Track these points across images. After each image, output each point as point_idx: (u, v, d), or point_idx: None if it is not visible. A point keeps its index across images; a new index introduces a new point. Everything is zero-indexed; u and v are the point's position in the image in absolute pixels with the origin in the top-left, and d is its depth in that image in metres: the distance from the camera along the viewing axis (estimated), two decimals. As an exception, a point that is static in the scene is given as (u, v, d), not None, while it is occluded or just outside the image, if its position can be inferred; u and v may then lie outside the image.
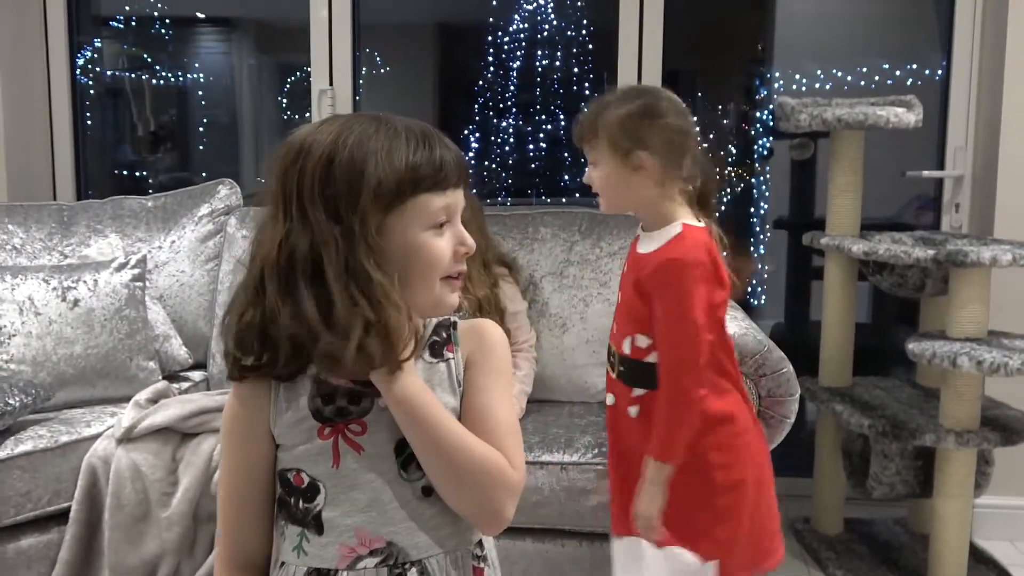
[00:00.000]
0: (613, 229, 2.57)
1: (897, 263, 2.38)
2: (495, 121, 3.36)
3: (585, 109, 1.72)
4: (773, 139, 3.27)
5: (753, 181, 3.34)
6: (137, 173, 3.57)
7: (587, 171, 1.70)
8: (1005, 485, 2.68)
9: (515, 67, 3.35)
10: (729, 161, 3.31)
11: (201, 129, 3.60)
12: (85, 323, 2.34)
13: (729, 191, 3.32)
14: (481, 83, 3.36)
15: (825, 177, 2.71)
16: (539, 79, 3.37)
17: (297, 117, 3.38)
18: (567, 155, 3.35)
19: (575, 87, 3.32)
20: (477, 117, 3.35)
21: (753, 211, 3.34)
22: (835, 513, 2.74)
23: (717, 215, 1.70)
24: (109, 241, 2.68)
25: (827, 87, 3.17)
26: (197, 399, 2.15)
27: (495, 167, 3.39)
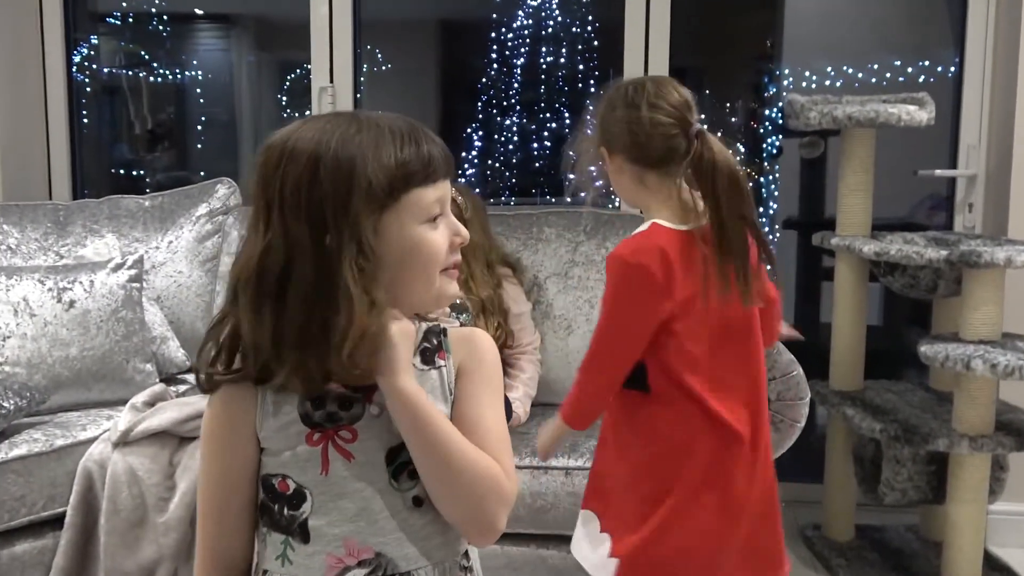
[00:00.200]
0: (619, 229, 2.57)
1: (909, 264, 2.38)
2: (498, 119, 3.36)
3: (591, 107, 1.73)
4: (782, 137, 3.27)
5: (762, 180, 3.33)
6: (134, 172, 3.58)
7: None
8: (1020, 491, 2.67)
9: (519, 64, 3.35)
10: (737, 159, 3.31)
11: (199, 127, 3.61)
12: (81, 325, 2.34)
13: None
14: (484, 80, 3.36)
15: (835, 176, 2.70)
16: (543, 76, 3.37)
17: (297, 115, 3.39)
18: (571, 154, 3.34)
19: (580, 85, 3.32)
20: (480, 115, 3.35)
21: (762, 211, 3.34)
22: (846, 519, 2.73)
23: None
24: (105, 241, 2.69)
25: (837, 84, 3.17)
26: (195, 402, 2.15)
27: (498, 166, 3.39)
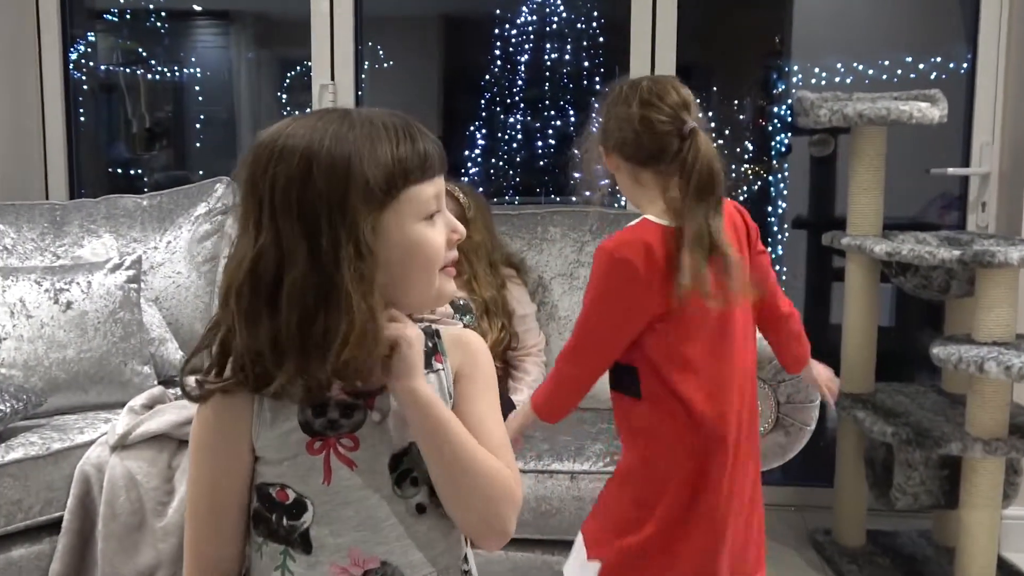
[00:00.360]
0: (625, 229, 2.56)
1: (921, 264, 2.37)
2: (502, 117, 3.36)
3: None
4: (791, 135, 3.26)
5: (770, 179, 3.33)
6: (132, 171, 3.58)
7: None
8: (1034, 496, 2.66)
9: (523, 61, 3.35)
10: (746, 158, 3.31)
11: (198, 126, 3.61)
12: (78, 326, 2.34)
13: (745, 189, 3.31)
14: (488, 78, 3.36)
15: (846, 175, 2.70)
16: (548, 73, 3.37)
17: (297, 113, 3.39)
18: (577, 152, 3.35)
19: (585, 82, 3.32)
20: (483, 113, 3.35)
21: (771, 210, 3.34)
22: (857, 525, 2.73)
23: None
24: (103, 241, 2.69)
25: (848, 81, 3.16)
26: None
27: (502, 165, 3.39)
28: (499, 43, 3.34)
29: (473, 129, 3.34)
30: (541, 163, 3.40)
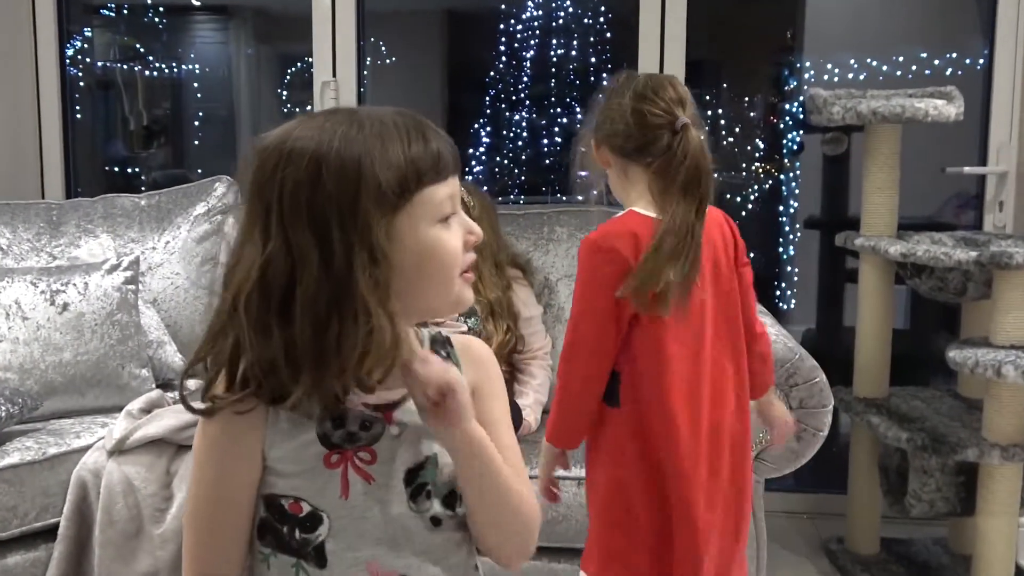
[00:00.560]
0: (633, 229, 2.56)
1: (937, 265, 2.37)
2: (507, 114, 3.36)
3: None
4: (804, 133, 3.26)
5: (782, 178, 3.33)
6: (129, 170, 3.59)
7: None
8: (1053, 503, 2.66)
9: (528, 57, 3.35)
10: (757, 156, 3.31)
11: (197, 123, 3.62)
12: (75, 328, 2.35)
13: (756, 188, 3.31)
14: (492, 74, 3.37)
15: (859, 174, 2.70)
16: (554, 70, 3.37)
17: (298, 110, 3.39)
18: (583, 150, 3.35)
19: (592, 78, 3.32)
20: (488, 110, 3.36)
21: (782, 209, 3.34)
22: (871, 532, 2.72)
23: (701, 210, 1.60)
24: (100, 242, 2.69)
25: (861, 77, 3.16)
26: (192, 409, 2.15)
27: (507, 163, 3.40)
28: (504, 39, 3.35)
29: (477, 127, 3.35)
30: (547, 162, 3.40)
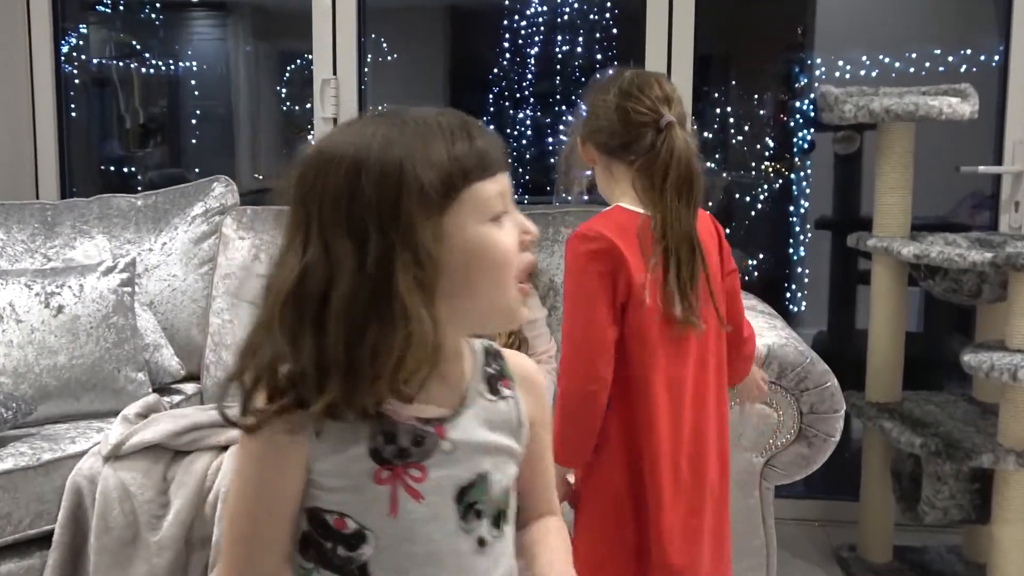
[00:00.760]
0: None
1: (951, 267, 2.37)
2: (511, 112, 3.37)
3: None
4: (815, 131, 3.26)
5: (792, 177, 3.33)
6: (125, 169, 3.60)
7: None
8: (1070, 510, 2.65)
9: (533, 54, 3.36)
10: (766, 155, 3.31)
11: (194, 122, 3.62)
12: (70, 331, 2.35)
13: (766, 187, 3.31)
14: (496, 71, 3.37)
15: (871, 173, 2.70)
16: (559, 67, 3.37)
17: (297, 109, 3.40)
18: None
19: (598, 76, 3.32)
20: (492, 108, 3.36)
21: (793, 210, 3.33)
22: (884, 540, 2.72)
23: (702, 209, 1.63)
24: (96, 243, 2.70)
25: (873, 75, 3.16)
26: (190, 414, 2.16)
27: (512, 162, 3.39)
28: (508, 35, 3.35)
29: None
30: (552, 161, 3.41)
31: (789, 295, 3.33)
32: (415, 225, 0.92)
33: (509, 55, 3.36)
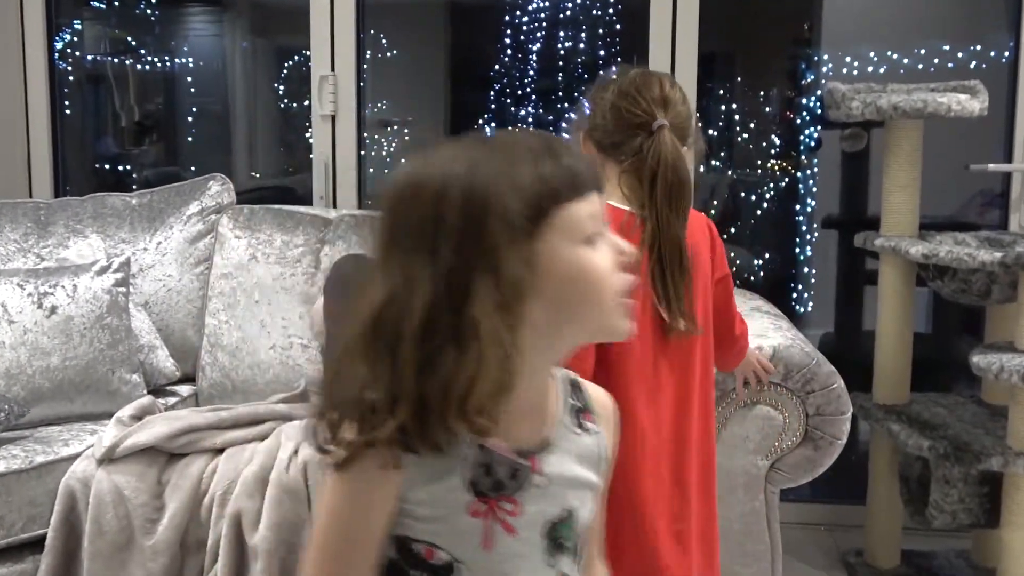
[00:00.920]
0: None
1: (960, 267, 2.37)
2: (512, 110, 3.37)
3: None
4: (821, 129, 3.26)
5: (799, 175, 3.32)
6: (120, 167, 3.60)
7: None
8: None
9: (535, 50, 3.36)
10: (772, 153, 3.30)
11: (190, 119, 3.62)
12: (63, 332, 2.35)
13: (772, 186, 3.31)
14: (497, 68, 3.37)
15: (879, 171, 2.70)
16: (561, 63, 3.37)
17: (295, 105, 3.40)
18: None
19: (601, 72, 3.32)
20: (493, 106, 3.36)
21: (799, 208, 3.33)
22: (891, 544, 2.72)
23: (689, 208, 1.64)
24: (89, 242, 2.70)
25: (881, 71, 3.16)
26: (185, 416, 2.16)
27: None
28: (510, 31, 3.35)
29: (482, 123, 3.35)
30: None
31: (795, 295, 3.32)
32: (498, 249, 0.91)
33: (510, 51, 3.36)
